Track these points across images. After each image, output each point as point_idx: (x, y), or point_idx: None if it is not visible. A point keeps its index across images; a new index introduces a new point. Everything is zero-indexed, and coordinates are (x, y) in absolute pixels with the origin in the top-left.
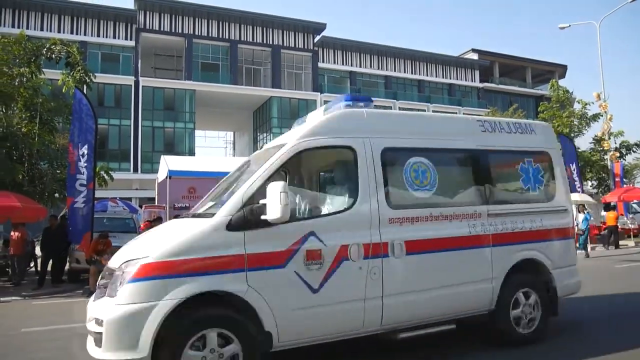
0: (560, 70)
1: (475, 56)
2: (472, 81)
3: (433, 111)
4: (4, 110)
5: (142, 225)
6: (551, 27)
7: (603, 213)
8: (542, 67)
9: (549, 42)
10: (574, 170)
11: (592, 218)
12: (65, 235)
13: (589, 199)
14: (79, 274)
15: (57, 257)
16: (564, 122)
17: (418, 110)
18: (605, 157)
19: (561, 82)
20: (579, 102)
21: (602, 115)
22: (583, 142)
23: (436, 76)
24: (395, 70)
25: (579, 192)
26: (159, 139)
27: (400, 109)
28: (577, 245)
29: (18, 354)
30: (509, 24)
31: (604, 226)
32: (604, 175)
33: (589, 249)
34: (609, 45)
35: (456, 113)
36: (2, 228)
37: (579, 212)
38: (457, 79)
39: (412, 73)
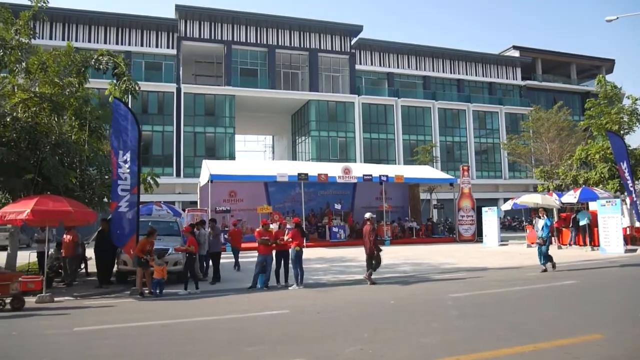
0: (607, 64)
1: (516, 53)
2: (513, 79)
3: (473, 111)
4: (56, 119)
5: (184, 228)
6: (597, 20)
7: None
8: (588, 62)
9: (595, 36)
10: (625, 168)
11: (552, 223)
12: None
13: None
14: (127, 276)
15: (108, 259)
16: (612, 119)
17: (457, 110)
18: None
19: (609, 77)
20: (628, 98)
21: None
22: (634, 140)
23: (476, 75)
24: (433, 70)
25: (632, 191)
26: (200, 144)
27: (439, 109)
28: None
29: (71, 351)
30: (552, 19)
31: None
32: None
33: (553, 261)
34: None
35: (497, 112)
36: (55, 231)
37: (539, 217)
38: (498, 77)
39: (451, 72)
